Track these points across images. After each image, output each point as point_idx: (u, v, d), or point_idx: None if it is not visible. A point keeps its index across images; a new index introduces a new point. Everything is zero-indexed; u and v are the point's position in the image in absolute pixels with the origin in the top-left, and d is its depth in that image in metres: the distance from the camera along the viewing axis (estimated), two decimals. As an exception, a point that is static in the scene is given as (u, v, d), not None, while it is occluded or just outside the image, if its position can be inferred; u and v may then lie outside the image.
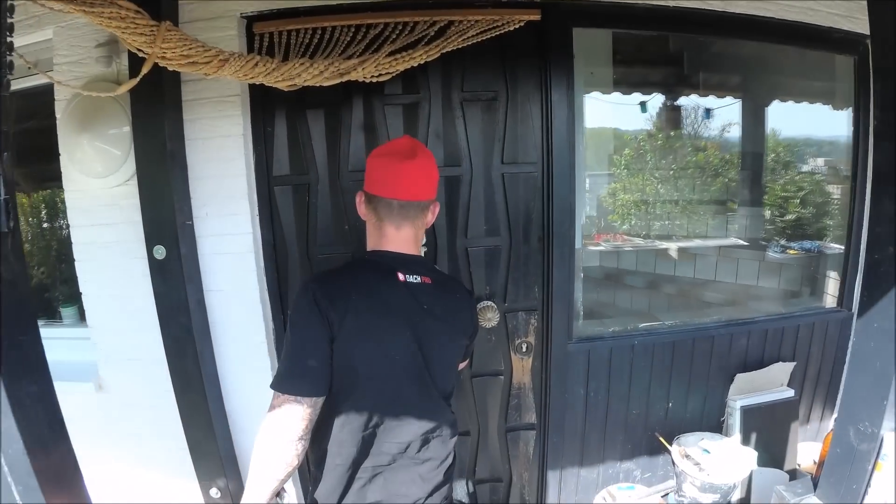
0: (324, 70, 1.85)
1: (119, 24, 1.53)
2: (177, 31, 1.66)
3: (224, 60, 1.74)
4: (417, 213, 1.47)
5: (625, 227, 3.62)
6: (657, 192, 3.67)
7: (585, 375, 2.51)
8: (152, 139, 2.11)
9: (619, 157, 3.62)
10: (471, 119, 2.33)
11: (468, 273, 2.42)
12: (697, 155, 3.67)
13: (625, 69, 3.20)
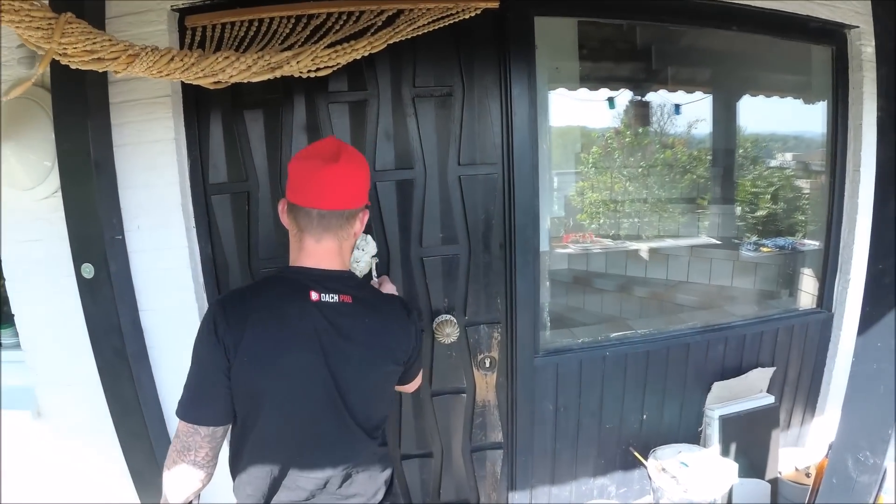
0: (252, 64, 1.60)
1: (12, 18, 1.30)
2: (79, 23, 1.42)
3: (133, 55, 1.49)
4: (341, 223, 1.28)
5: (593, 227, 3.41)
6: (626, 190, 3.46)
7: (554, 390, 2.32)
8: (76, 146, 1.86)
9: (586, 155, 3.40)
10: (424, 117, 2.08)
11: (424, 285, 2.18)
12: (666, 152, 3.46)
13: (591, 64, 3.01)
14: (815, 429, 2.78)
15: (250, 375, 1.21)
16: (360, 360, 1.28)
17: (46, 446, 2.27)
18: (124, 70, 1.50)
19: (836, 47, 2.48)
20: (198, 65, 1.56)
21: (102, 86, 1.90)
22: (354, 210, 1.29)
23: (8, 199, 2.07)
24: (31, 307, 2.15)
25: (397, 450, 2.34)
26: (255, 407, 1.24)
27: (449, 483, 2.40)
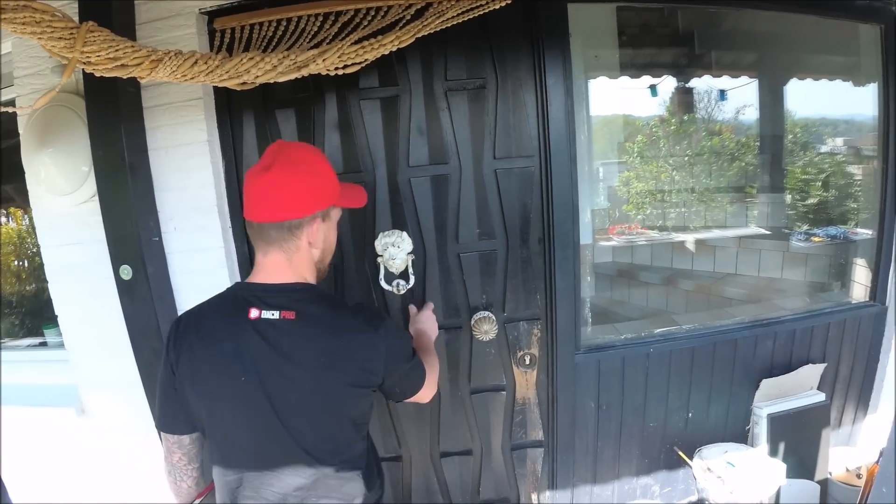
0: (277, 64, 1.60)
1: (34, 29, 1.34)
2: (101, 31, 1.45)
3: (157, 61, 1.52)
4: (283, 235, 1.23)
5: (639, 218, 3.33)
6: (672, 179, 3.38)
7: (596, 387, 2.28)
8: (111, 151, 1.91)
9: (630, 144, 3.33)
10: (457, 111, 2.06)
11: (461, 281, 2.17)
12: (712, 139, 3.36)
13: (632, 51, 2.95)
14: (866, 427, 2.69)
15: (189, 394, 1.21)
16: (304, 382, 1.20)
17: (89, 443, 2.35)
18: (148, 75, 1.53)
19: (885, 25, 2.38)
20: (222, 67, 1.58)
21: (135, 91, 1.95)
22: (296, 220, 1.22)
23: (48, 204, 2.15)
24: (73, 308, 2.23)
25: (436, 447, 2.35)
26: (200, 423, 1.25)
27: (489, 481, 2.39)
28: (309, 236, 1.24)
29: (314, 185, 1.23)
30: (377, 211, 2.10)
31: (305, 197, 1.22)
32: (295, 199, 1.20)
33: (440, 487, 2.41)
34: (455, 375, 2.26)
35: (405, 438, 2.35)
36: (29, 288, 3.12)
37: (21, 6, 1.29)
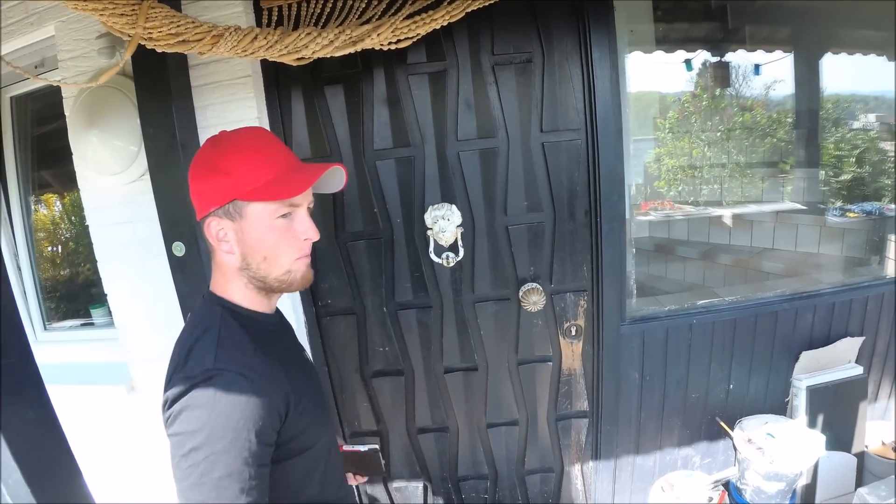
0: (334, 39, 1.68)
1: (96, 6, 1.42)
2: (162, 7, 1.53)
3: (218, 36, 1.61)
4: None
5: (672, 194, 3.40)
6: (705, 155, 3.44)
7: (640, 359, 2.35)
8: (161, 130, 1.99)
9: (664, 120, 3.39)
10: (504, 85, 2.13)
11: (510, 254, 2.26)
12: (745, 115, 3.42)
13: (667, 25, 2.98)
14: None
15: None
16: None
17: (139, 420, 2.42)
18: (209, 51, 1.61)
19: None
20: (281, 42, 1.65)
21: (184, 70, 2.03)
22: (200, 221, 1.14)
23: (96, 185, 2.23)
24: (122, 286, 2.32)
25: (483, 418, 2.46)
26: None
27: (533, 451, 2.50)
28: (212, 237, 1.12)
29: (204, 177, 1.11)
30: (426, 184, 2.19)
31: (197, 193, 1.13)
32: (193, 197, 1.14)
33: (486, 458, 2.52)
34: (503, 347, 2.36)
35: (453, 410, 2.46)
36: (63, 273, 3.23)
37: None
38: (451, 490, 2.61)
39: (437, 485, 2.62)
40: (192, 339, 1.06)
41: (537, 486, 2.59)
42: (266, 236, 1.11)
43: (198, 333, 1.07)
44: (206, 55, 1.64)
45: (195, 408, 0.96)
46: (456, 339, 2.38)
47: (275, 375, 1.06)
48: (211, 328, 1.08)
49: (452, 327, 2.36)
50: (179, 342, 1.10)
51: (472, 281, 2.29)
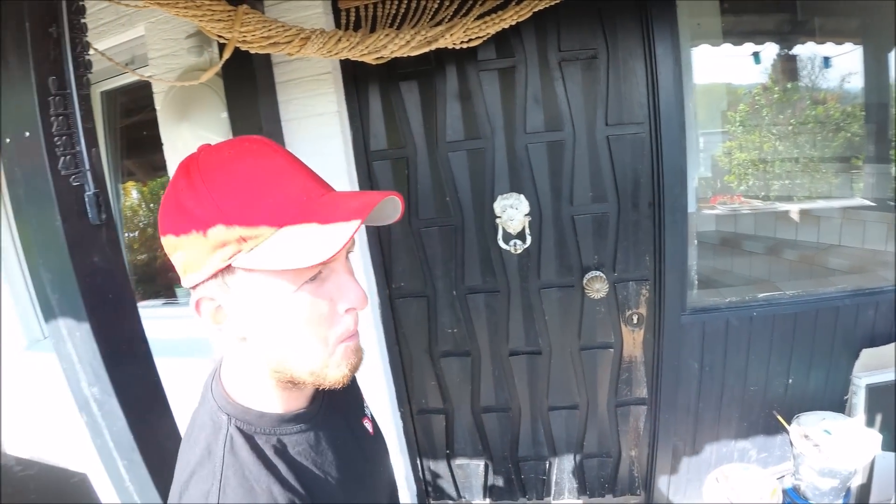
0: (410, 40, 1.85)
1: (195, 13, 1.59)
2: (255, 13, 1.72)
3: (305, 39, 1.78)
4: None
5: (742, 189, 3.44)
6: (775, 149, 3.47)
7: (700, 349, 2.43)
8: (248, 123, 2.19)
9: (733, 113, 3.44)
10: (570, 80, 2.27)
11: (575, 242, 2.39)
12: (816, 108, 3.43)
13: (734, 18, 3.04)
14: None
15: None
16: None
17: None
18: (298, 52, 1.80)
19: None
20: (362, 43, 1.83)
21: (268, 67, 2.24)
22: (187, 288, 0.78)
23: None
24: None
25: (545, 401, 2.61)
26: None
27: (592, 435, 2.63)
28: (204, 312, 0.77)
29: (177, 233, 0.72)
30: (496, 175, 2.35)
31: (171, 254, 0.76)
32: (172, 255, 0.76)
33: (545, 438, 2.67)
34: (566, 332, 2.50)
35: (516, 391, 2.61)
36: (140, 258, 3.52)
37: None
38: (510, 470, 2.76)
39: (498, 464, 2.77)
40: (192, 461, 0.78)
41: (594, 471, 2.71)
42: (286, 317, 0.74)
43: (199, 455, 0.78)
44: (295, 55, 1.83)
45: None
46: (521, 324, 2.52)
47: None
48: (213, 453, 0.77)
49: (518, 312, 2.50)
50: (182, 450, 0.83)
51: (538, 268, 2.43)
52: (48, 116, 1.25)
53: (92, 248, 1.35)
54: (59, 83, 1.26)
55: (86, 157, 1.32)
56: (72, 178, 1.30)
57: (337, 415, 0.95)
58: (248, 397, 0.81)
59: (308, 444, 0.84)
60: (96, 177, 1.34)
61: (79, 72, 1.30)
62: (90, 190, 1.33)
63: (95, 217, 1.34)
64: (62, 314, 1.37)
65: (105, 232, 1.38)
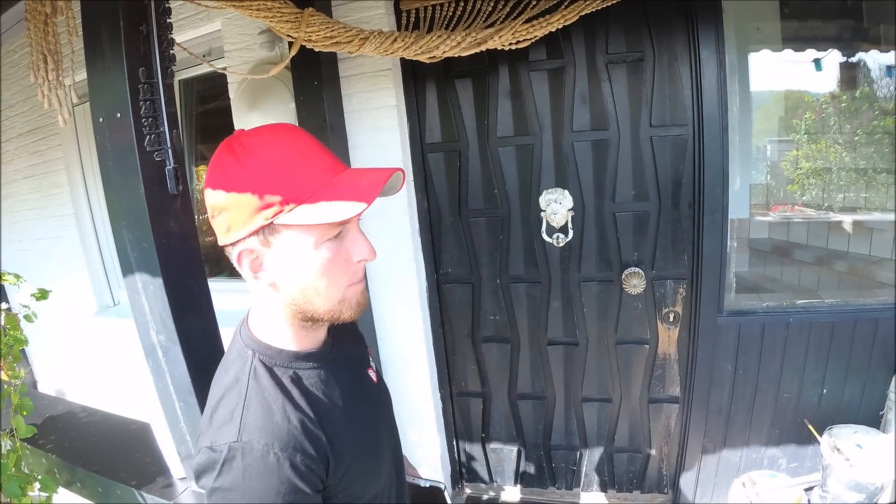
0: (461, 41, 2.02)
1: (266, 14, 1.82)
2: (319, 15, 1.94)
3: (364, 39, 1.99)
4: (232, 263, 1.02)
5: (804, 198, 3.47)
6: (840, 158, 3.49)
7: (735, 351, 2.49)
8: (313, 113, 2.42)
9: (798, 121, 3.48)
10: (617, 81, 2.42)
11: (615, 238, 2.54)
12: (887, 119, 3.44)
13: (796, 23, 3.08)
14: None
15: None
16: None
17: None
18: (357, 50, 2.02)
19: None
20: (416, 43, 2.03)
21: (333, 63, 2.47)
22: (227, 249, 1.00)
23: None
24: None
25: (579, 392, 2.76)
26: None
27: (623, 429, 2.76)
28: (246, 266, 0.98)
29: (226, 197, 0.95)
30: (542, 170, 2.52)
31: (225, 210, 0.96)
32: (214, 216, 0.99)
33: (578, 429, 2.81)
34: (604, 326, 2.64)
35: (552, 380, 2.77)
36: (208, 240, 3.82)
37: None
38: (542, 457, 2.92)
39: (531, 450, 2.93)
40: (222, 387, 1.00)
41: (624, 465, 2.84)
42: (313, 265, 0.97)
43: (228, 382, 1.00)
44: (354, 53, 2.04)
45: (224, 490, 0.91)
46: (560, 314, 2.68)
47: (312, 437, 0.97)
48: (239, 380, 0.98)
49: (558, 303, 2.67)
50: (214, 382, 1.04)
51: (579, 261, 2.59)
52: (137, 101, 1.51)
53: (169, 215, 1.60)
54: (147, 73, 1.52)
55: (167, 137, 1.57)
56: (155, 154, 1.55)
57: (344, 360, 1.15)
58: (270, 336, 1.03)
59: (319, 379, 1.05)
60: (176, 154, 1.59)
61: (164, 64, 1.56)
62: (170, 165, 1.58)
63: (174, 188, 1.59)
64: (139, 270, 1.62)
65: (181, 201, 1.63)
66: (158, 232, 1.57)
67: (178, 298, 1.63)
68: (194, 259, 1.70)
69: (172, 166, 1.57)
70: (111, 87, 1.52)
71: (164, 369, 1.72)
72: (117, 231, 1.65)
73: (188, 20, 2.72)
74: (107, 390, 3.41)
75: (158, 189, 1.57)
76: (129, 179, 1.55)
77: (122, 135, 1.52)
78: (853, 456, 2.24)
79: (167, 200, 1.59)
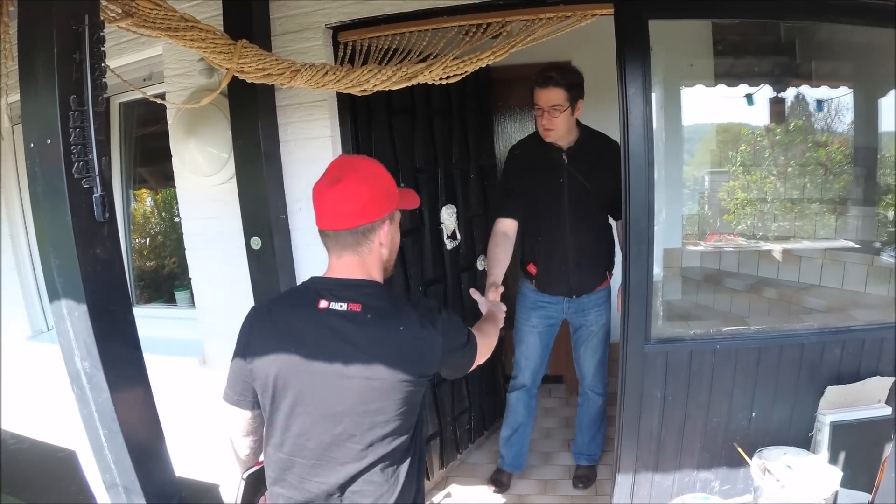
0: (392, 75, 2.01)
1: (200, 45, 1.81)
2: (252, 47, 1.92)
3: (296, 71, 1.97)
4: (357, 239, 1.40)
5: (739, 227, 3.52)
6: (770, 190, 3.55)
7: (663, 378, 2.50)
8: (249, 141, 2.41)
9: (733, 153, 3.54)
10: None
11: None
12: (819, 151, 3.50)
13: (728, 60, 3.14)
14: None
15: (255, 375, 1.42)
16: (362, 370, 1.34)
17: (209, 389, 2.68)
18: (289, 83, 2.00)
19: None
20: (347, 77, 2.01)
21: (270, 92, 2.43)
22: (368, 225, 1.38)
23: (191, 184, 2.66)
24: (205, 272, 2.73)
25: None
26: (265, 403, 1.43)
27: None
28: (381, 238, 1.42)
29: (381, 191, 1.40)
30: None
31: (375, 203, 1.38)
32: (366, 206, 1.37)
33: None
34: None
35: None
36: (150, 264, 3.74)
37: (189, 26, 1.77)
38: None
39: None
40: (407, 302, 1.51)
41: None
42: (398, 237, 1.53)
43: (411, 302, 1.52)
44: (286, 85, 2.01)
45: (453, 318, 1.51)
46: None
47: None
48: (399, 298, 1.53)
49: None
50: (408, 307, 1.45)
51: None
52: (67, 128, 1.48)
53: (95, 242, 1.58)
54: (78, 101, 1.49)
55: (96, 165, 1.53)
56: (83, 181, 1.52)
57: None
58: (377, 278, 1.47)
59: None
60: (104, 182, 1.55)
61: (96, 92, 1.52)
62: (98, 192, 1.54)
63: (100, 215, 1.56)
64: (65, 296, 1.59)
65: (107, 228, 1.61)
66: (84, 259, 1.55)
67: (103, 325, 1.61)
68: (119, 286, 1.69)
69: (100, 194, 1.55)
70: (43, 113, 1.51)
71: (89, 396, 1.67)
72: (45, 256, 1.63)
73: (130, 44, 2.67)
74: (37, 417, 3.29)
75: (85, 216, 1.56)
76: (57, 205, 1.53)
77: (52, 161, 1.51)
78: (783, 477, 2.27)
79: (94, 227, 1.58)
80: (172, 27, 1.74)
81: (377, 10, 2.33)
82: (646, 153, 2.32)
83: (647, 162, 2.32)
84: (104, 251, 1.61)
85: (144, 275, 3.64)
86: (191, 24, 1.77)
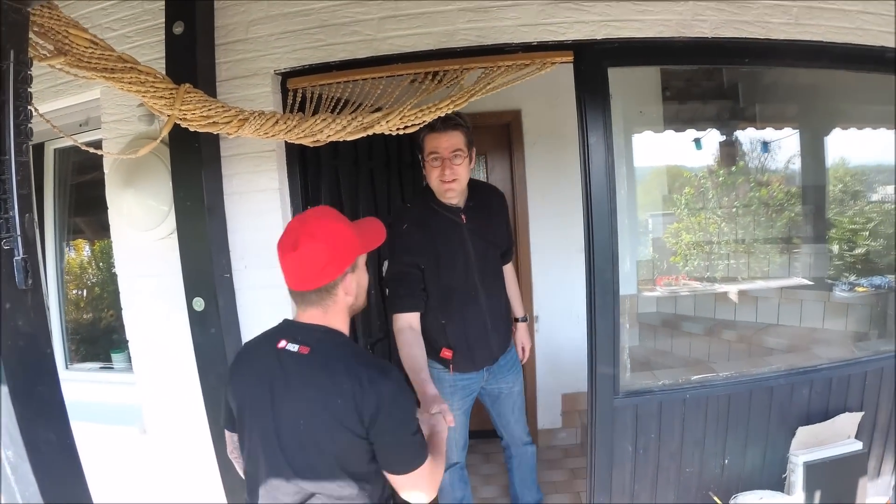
0: (346, 125, 1.88)
1: (139, 89, 1.62)
2: (197, 93, 1.73)
3: (243, 120, 1.80)
4: (321, 296, 1.45)
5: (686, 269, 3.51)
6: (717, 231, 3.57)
7: (634, 431, 2.43)
8: (191, 194, 2.21)
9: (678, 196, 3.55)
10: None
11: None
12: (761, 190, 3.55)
13: (676, 106, 3.16)
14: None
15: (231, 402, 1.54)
16: (303, 413, 1.40)
17: (150, 460, 2.59)
18: (236, 132, 1.82)
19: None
20: (299, 126, 1.86)
21: (214, 141, 2.25)
22: (330, 283, 1.43)
23: (128, 238, 2.43)
24: (144, 334, 2.49)
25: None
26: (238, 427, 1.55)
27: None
28: (345, 289, 1.46)
29: (339, 248, 1.42)
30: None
31: (333, 262, 1.42)
32: (326, 267, 1.41)
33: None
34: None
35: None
36: (86, 317, 3.46)
37: (128, 68, 1.58)
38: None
39: None
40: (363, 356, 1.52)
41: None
42: (365, 278, 1.56)
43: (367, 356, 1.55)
44: (233, 135, 1.85)
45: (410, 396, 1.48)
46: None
47: None
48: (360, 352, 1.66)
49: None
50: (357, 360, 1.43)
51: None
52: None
53: (16, 313, 1.34)
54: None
55: (17, 223, 1.30)
56: (2, 242, 1.29)
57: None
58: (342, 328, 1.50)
59: None
60: (27, 242, 1.32)
61: (19, 139, 1.30)
62: (19, 255, 1.31)
63: (22, 282, 1.32)
64: None
65: (31, 297, 1.37)
66: (5, 332, 1.31)
67: (27, 408, 1.36)
68: (45, 363, 1.43)
69: (22, 257, 1.31)
70: (-46, 164, 1.27)
71: (14, 489, 1.43)
72: (-42, 330, 1.39)
73: (66, 86, 2.46)
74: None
75: (5, 283, 1.31)
76: (-27, 271, 1.29)
77: (-35, 219, 1.27)
78: (759, 521, 2.17)
79: (15, 296, 1.33)
80: (109, 68, 1.56)
81: (329, 55, 2.21)
82: (609, 201, 2.26)
83: (610, 210, 2.26)
84: (27, 323, 1.37)
85: (80, 328, 3.36)
86: (129, 65, 1.59)
